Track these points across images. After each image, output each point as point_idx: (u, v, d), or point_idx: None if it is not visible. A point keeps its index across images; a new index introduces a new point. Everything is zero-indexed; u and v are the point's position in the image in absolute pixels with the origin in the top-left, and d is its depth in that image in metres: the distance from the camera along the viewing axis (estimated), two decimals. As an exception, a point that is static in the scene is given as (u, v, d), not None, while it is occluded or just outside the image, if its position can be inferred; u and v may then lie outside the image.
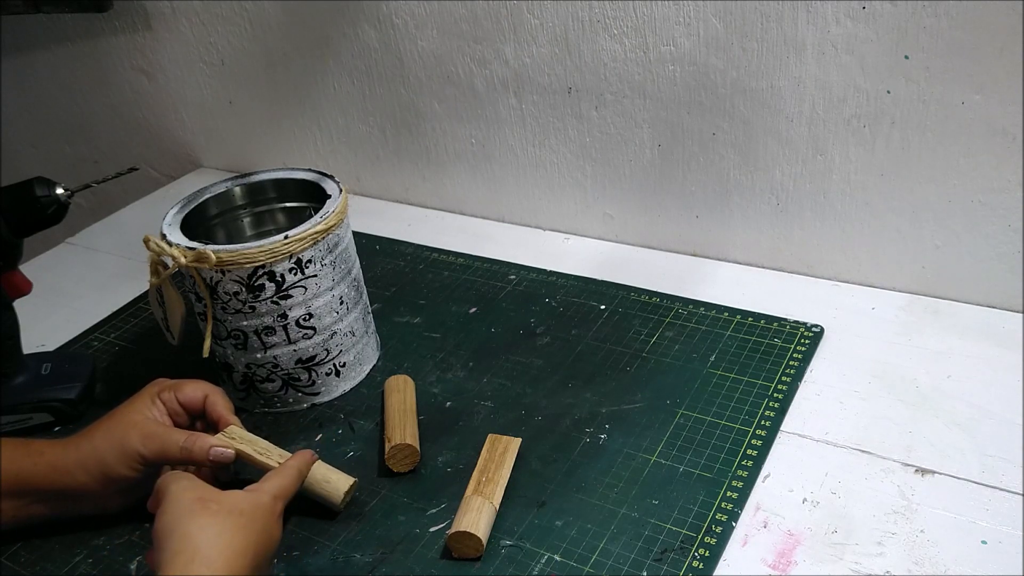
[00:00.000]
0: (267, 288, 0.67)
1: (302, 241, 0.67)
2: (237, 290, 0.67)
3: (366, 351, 0.77)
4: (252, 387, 0.73)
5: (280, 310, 0.69)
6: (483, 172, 1.00)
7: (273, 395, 0.73)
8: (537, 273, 0.89)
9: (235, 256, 0.65)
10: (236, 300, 0.68)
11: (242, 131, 1.18)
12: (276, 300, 0.68)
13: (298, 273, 0.68)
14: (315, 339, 0.71)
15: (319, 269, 0.69)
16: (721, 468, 0.63)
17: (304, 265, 0.68)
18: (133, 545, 0.62)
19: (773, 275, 0.86)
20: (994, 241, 0.74)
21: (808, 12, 0.72)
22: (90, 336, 0.88)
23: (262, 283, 0.67)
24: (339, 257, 0.71)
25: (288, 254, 0.67)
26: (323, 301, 0.70)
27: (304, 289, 0.69)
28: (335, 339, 0.73)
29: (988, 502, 0.58)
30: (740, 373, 0.72)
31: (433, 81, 0.97)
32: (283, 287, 0.68)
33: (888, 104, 0.72)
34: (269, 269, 0.66)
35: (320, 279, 0.69)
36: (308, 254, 0.68)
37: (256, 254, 0.66)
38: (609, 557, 0.57)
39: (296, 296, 0.69)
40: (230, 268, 0.66)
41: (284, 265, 0.67)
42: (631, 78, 0.83)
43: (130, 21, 1.17)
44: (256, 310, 0.68)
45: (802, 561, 0.55)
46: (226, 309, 0.68)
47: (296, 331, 0.70)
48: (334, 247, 0.70)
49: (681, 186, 0.87)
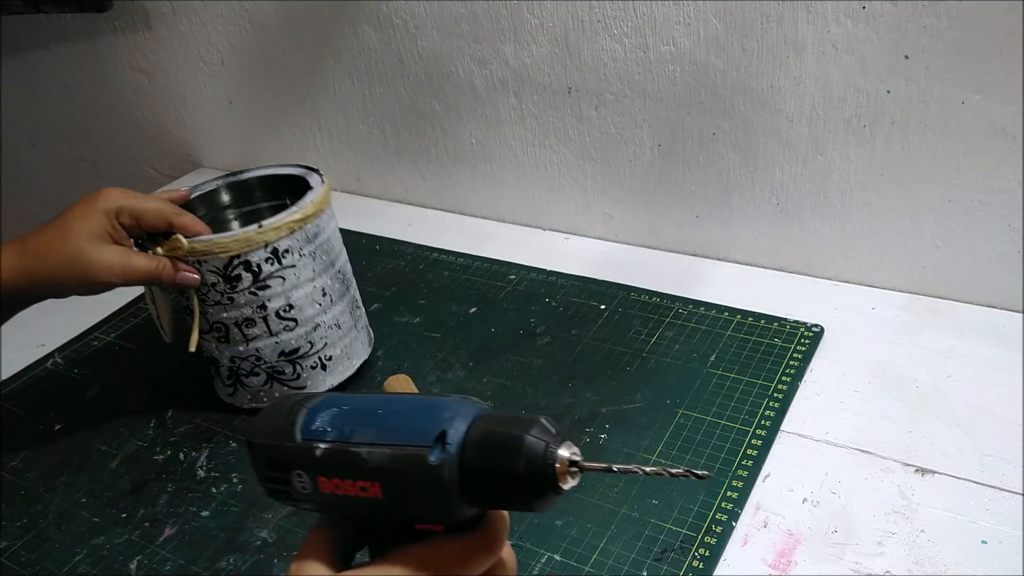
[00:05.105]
0: (244, 278, 0.67)
1: (278, 230, 0.66)
2: (215, 281, 0.67)
3: (355, 345, 0.76)
4: (239, 382, 0.73)
5: (259, 301, 0.68)
6: (483, 172, 1.00)
7: (259, 389, 0.73)
8: (537, 273, 0.89)
9: (209, 246, 0.65)
10: (215, 291, 0.67)
11: (242, 131, 1.18)
12: (254, 291, 0.68)
13: (275, 263, 0.67)
14: (297, 331, 0.71)
15: (297, 259, 0.69)
16: (721, 468, 0.63)
17: (281, 255, 0.67)
18: (133, 545, 0.63)
19: (773, 275, 0.86)
20: (994, 241, 0.74)
21: (808, 12, 0.72)
22: (90, 336, 0.88)
23: (239, 273, 0.67)
24: (320, 248, 0.70)
25: (263, 243, 0.66)
26: (304, 292, 0.70)
27: (283, 280, 0.68)
28: (319, 331, 0.72)
29: (988, 502, 0.58)
30: (740, 373, 0.72)
31: (433, 81, 0.97)
32: (260, 277, 0.67)
33: (888, 104, 0.72)
34: (244, 259, 0.66)
35: (299, 270, 0.69)
36: (285, 244, 0.67)
37: (229, 244, 0.65)
38: (609, 557, 0.57)
39: (274, 287, 0.68)
40: (205, 258, 0.66)
41: (260, 255, 0.67)
42: (631, 78, 0.83)
43: (130, 21, 1.17)
44: (235, 301, 0.68)
45: (802, 561, 0.55)
46: (206, 301, 0.68)
47: (277, 323, 0.70)
48: (313, 237, 0.69)
49: (681, 186, 0.87)
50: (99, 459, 0.72)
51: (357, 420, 0.36)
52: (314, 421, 0.37)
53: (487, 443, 0.34)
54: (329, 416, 0.37)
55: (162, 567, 0.61)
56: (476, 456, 0.34)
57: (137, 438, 0.74)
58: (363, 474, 0.35)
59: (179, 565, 0.61)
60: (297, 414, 0.38)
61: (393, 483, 0.35)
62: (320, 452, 0.36)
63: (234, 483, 0.67)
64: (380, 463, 0.35)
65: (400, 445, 0.35)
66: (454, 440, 0.34)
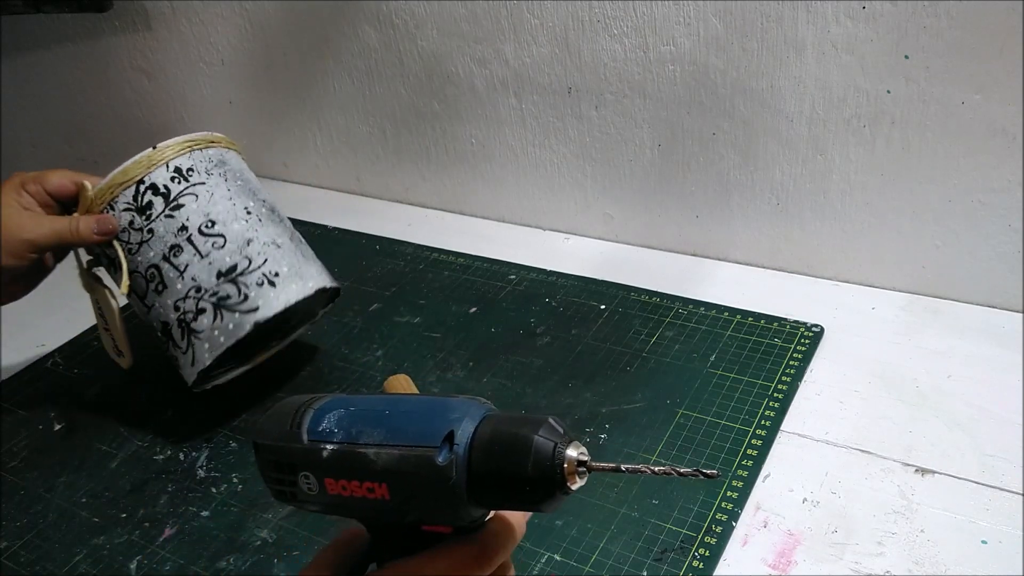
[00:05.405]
0: (155, 204, 0.67)
1: (174, 148, 0.68)
2: (131, 219, 0.67)
3: (306, 266, 0.72)
4: (191, 333, 0.68)
5: (177, 223, 0.68)
6: (483, 172, 1.00)
7: (212, 329, 0.68)
8: (537, 273, 0.89)
9: (113, 179, 0.67)
10: (133, 230, 0.68)
11: (242, 131, 1.18)
12: (169, 213, 0.68)
13: (181, 181, 0.68)
14: (229, 247, 0.68)
15: (206, 177, 0.69)
16: (721, 468, 0.63)
17: (186, 173, 0.68)
18: (133, 545, 0.63)
19: (773, 275, 0.86)
20: (994, 241, 0.74)
21: (808, 12, 0.72)
22: (90, 336, 0.88)
23: (149, 200, 0.67)
24: (231, 174, 0.71)
25: (164, 162, 0.67)
26: (222, 208, 0.69)
27: (195, 196, 0.68)
28: (253, 247, 0.69)
29: (988, 502, 0.58)
30: (740, 373, 0.72)
31: (433, 81, 0.97)
32: (171, 198, 0.68)
33: (888, 104, 0.72)
34: (150, 183, 0.67)
35: (211, 188, 0.69)
36: (186, 162, 0.68)
37: (130, 168, 0.67)
38: (609, 557, 0.57)
39: (188, 204, 0.68)
40: (115, 199, 0.67)
41: (163, 175, 0.67)
42: (631, 78, 0.83)
43: (130, 21, 1.17)
44: (155, 233, 0.68)
45: (802, 561, 0.55)
46: (130, 247, 0.68)
47: (203, 241, 0.68)
48: (220, 163, 0.70)
49: (681, 186, 0.87)
50: (99, 459, 0.72)
51: (364, 421, 0.36)
52: (321, 422, 0.37)
53: (495, 444, 0.34)
54: (336, 417, 0.37)
55: (162, 567, 0.61)
56: (484, 457, 0.34)
57: (137, 438, 0.74)
58: (371, 475, 0.35)
59: (179, 565, 0.60)
60: (303, 415, 0.38)
61: (401, 484, 0.35)
62: (327, 453, 0.36)
63: (234, 483, 0.67)
64: (388, 464, 0.35)
65: (408, 446, 0.34)
66: (462, 441, 0.34)
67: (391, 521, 0.37)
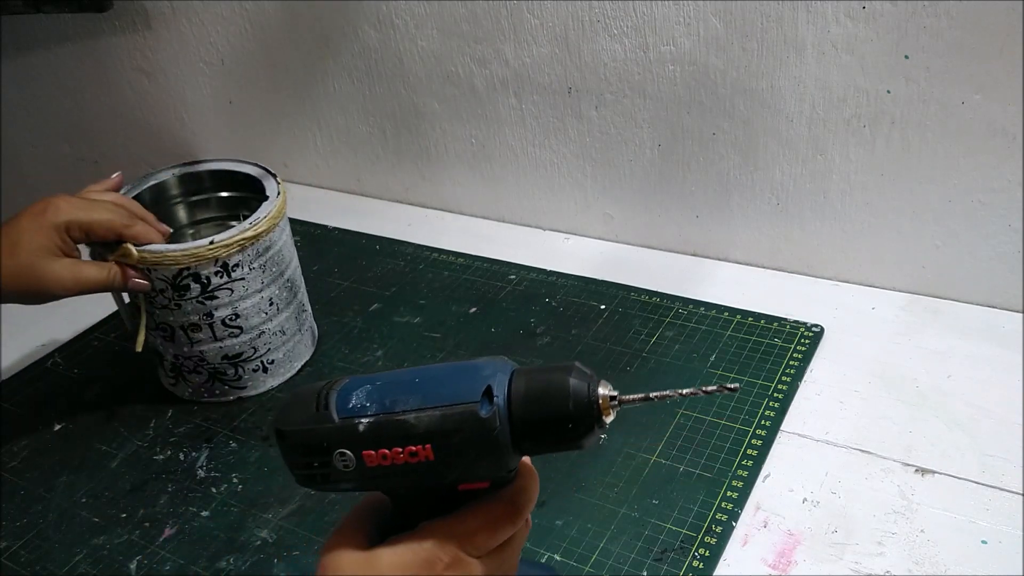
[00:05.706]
0: (192, 289, 0.68)
1: (228, 247, 0.67)
2: (163, 287, 0.67)
3: (298, 348, 0.78)
4: (181, 376, 0.74)
5: (206, 309, 0.69)
6: (483, 172, 1.00)
7: (200, 386, 0.74)
8: (537, 273, 0.89)
9: (159, 258, 0.66)
10: (163, 297, 0.68)
11: (242, 131, 1.18)
12: (202, 300, 0.68)
13: (224, 276, 0.68)
14: (242, 338, 0.72)
15: (247, 273, 0.69)
16: (721, 468, 0.63)
17: (231, 269, 0.68)
18: (133, 545, 0.63)
19: (773, 275, 0.86)
20: (994, 241, 0.74)
21: (808, 12, 0.72)
22: (90, 336, 0.88)
23: (187, 283, 0.67)
24: (270, 261, 0.71)
25: (213, 258, 0.67)
26: (250, 303, 0.71)
27: (231, 291, 0.69)
28: (263, 338, 0.73)
29: (988, 502, 0.58)
30: (740, 373, 0.71)
31: (433, 81, 0.97)
32: (208, 288, 0.68)
33: (888, 104, 0.72)
34: (194, 271, 0.67)
35: (248, 282, 0.70)
36: (235, 259, 0.68)
37: (179, 257, 0.66)
38: (609, 557, 0.57)
39: (222, 297, 0.69)
40: (154, 268, 0.66)
41: (209, 269, 0.67)
42: (631, 78, 0.83)
43: (130, 21, 1.17)
44: (182, 308, 0.69)
45: (802, 561, 0.55)
46: (154, 304, 0.69)
47: (222, 330, 0.70)
48: (264, 251, 0.70)
49: (681, 186, 0.87)
50: (99, 459, 0.72)
51: (396, 391, 0.38)
52: (349, 400, 0.38)
53: (532, 391, 0.37)
54: (364, 393, 0.38)
55: (162, 567, 0.61)
56: (524, 404, 0.37)
57: (137, 438, 0.74)
58: (413, 439, 0.37)
59: (179, 565, 0.61)
60: (329, 397, 0.39)
61: (445, 443, 0.36)
62: (364, 427, 0.37)
63: (234, 483, 0.67)
64: (431, 425, 0.36)
65: (448, 405, 0.37)
66: (500, 393, 0.37)
67: (431, 484, 0.39)
